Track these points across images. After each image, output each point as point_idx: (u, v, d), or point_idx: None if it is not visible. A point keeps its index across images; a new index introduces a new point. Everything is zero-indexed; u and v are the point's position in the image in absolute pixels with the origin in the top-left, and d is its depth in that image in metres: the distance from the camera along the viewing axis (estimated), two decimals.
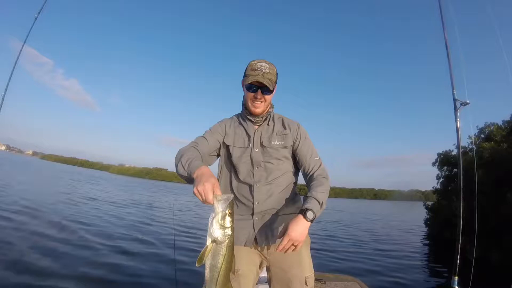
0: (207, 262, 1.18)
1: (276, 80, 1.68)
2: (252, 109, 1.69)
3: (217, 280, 1.18)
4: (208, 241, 1.18)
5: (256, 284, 3.14)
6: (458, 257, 2.78)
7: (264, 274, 1.79)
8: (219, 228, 1.16)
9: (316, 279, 3.64)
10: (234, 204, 1.76)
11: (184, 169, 1.40)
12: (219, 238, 1.16)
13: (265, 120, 1.77)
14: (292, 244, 1.39)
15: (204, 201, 1.19)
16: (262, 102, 1.67)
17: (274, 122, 1.78)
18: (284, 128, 1.76)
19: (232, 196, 1.19)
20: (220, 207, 1.15)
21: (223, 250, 1.18)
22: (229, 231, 1.17)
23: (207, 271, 1.19)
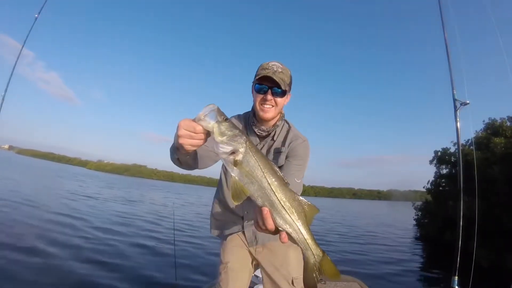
0: (250, 188, 0.90)
1: (290, 84, 1.55)
2: (261, 113, 1.53)
3: (275, 193, 0.90)
4: (232, 172, 0.91)
5: (255, 285, 3.07)
6: (458, 257, 2.79)
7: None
8: (227, 139, 0.90)
9: None
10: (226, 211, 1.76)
11: (171, 151, 1.20)
12: (239, 149, 0.90)
13: (268, 135, 1.64)
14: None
15: (195, 135, 0.94)
16: (272, 106, 1.52)
17: (278, 136, 1.65)
18: (284, 144, 1.62)
19: (214, 105, 0.93)
20: (210, 121, 0.90)
21: (253, 159, 0.91)
22: (240, 135, 0.91)
23: (258, 198, 0.91)
